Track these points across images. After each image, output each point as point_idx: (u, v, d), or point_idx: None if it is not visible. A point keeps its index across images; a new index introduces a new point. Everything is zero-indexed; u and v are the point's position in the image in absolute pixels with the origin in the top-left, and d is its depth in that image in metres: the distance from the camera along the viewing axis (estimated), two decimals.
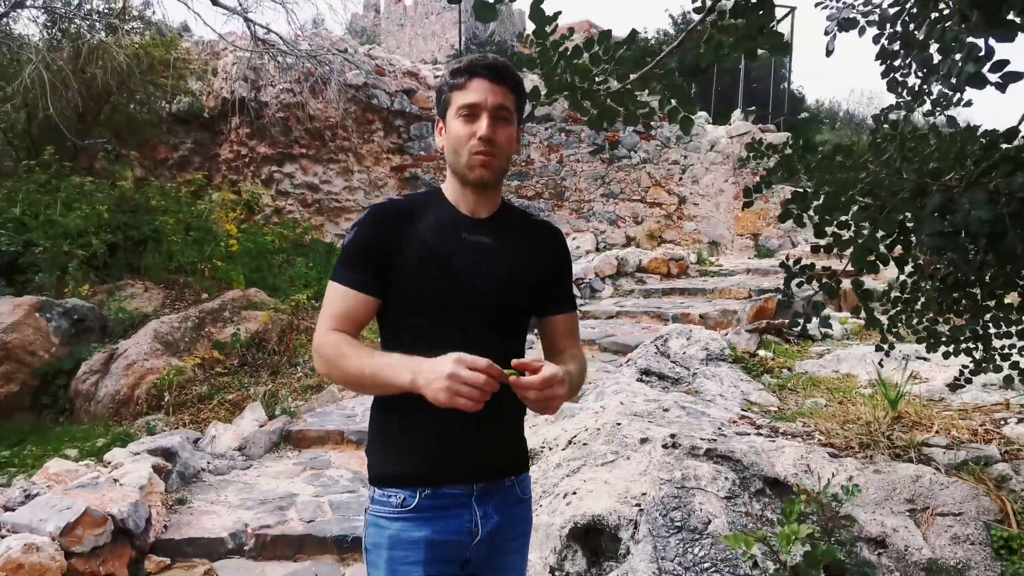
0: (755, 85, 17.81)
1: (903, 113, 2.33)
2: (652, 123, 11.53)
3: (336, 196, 10.78)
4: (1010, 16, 1.51)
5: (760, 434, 3.53)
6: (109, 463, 3.95)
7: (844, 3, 2.47)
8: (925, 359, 4.41)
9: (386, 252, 1.45)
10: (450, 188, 1.56)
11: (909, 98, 2.50)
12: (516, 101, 1.50)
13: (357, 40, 16.20)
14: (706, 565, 2.76)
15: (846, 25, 2.75)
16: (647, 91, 2.01)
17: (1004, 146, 1.83)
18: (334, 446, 4.85)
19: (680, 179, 11.47)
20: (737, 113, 11.92)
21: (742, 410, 3.97)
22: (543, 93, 2.06)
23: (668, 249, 10.17)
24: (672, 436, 3.36)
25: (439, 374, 1.25)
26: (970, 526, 2.81)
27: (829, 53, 2.79)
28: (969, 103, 2.76)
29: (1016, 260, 1.88)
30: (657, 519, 2.91)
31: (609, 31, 2.06)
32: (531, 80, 7.95)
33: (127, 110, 9.02)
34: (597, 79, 2.04)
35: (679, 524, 2.88)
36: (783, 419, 3.75)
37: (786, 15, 12.18)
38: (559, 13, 1.94)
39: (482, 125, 1.42)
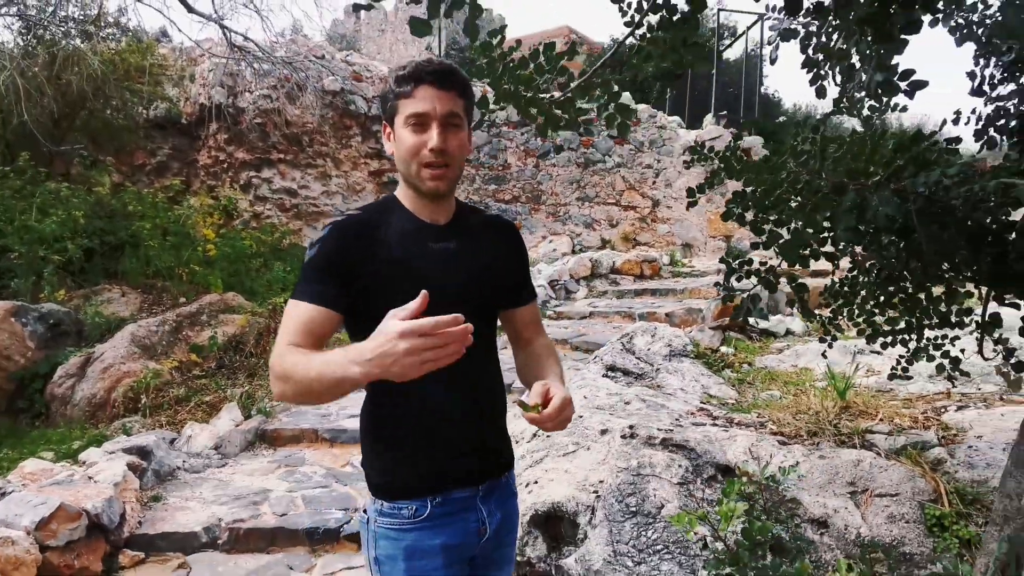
0: (731, 90, 18.11)
1: (830, 117, 2.49)
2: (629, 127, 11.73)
3: (314, 201, 10.87)
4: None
5: (716, 425, 3.69)
6: (84, 462, 4.02)
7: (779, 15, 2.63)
8: (879, 353, 4.61)
9: (350, 266, 1.39)
10: (406, 196, 1.52)
11: (845, 103, 2.67)
12: (465, 105, 1.47)
13: (336, 46, 16.30)
14: (658, 547, 2.91)
15: (787, 35, 2.92)
16: (587, 98, 2.14)
17: (912, 148, 1.99)
18: (308, 444, 4.95)
19: (654, 183, 11.67)
20: (710, 117, 12.16)
21: (701, 403, 4.13)
22: (491, 102, 2.19)
23: (642, 251, 10.35)
24: (631, 427, 3.50)
25: (385, 352, 1.11)
26: (905, 506, 2.97)
27: (773, 61, 2.95)
28: (904, 108, 2.95)
29: (922, 254, 2.04)
30: (613, 505, 3.05)
31: (553, 43, 2.20)
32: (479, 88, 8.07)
33: (103, 116, 9.07)
34: (542, 88, 2.18)
35: (634, 509, 3.02)
36: (739, 411, 3.91)
37: (754, 23, 12.44)
38: (505, 27, 2.09)
39: (433, 136, 1.38)
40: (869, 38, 1.74)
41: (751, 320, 5.85)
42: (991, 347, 2.53)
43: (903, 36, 1.53)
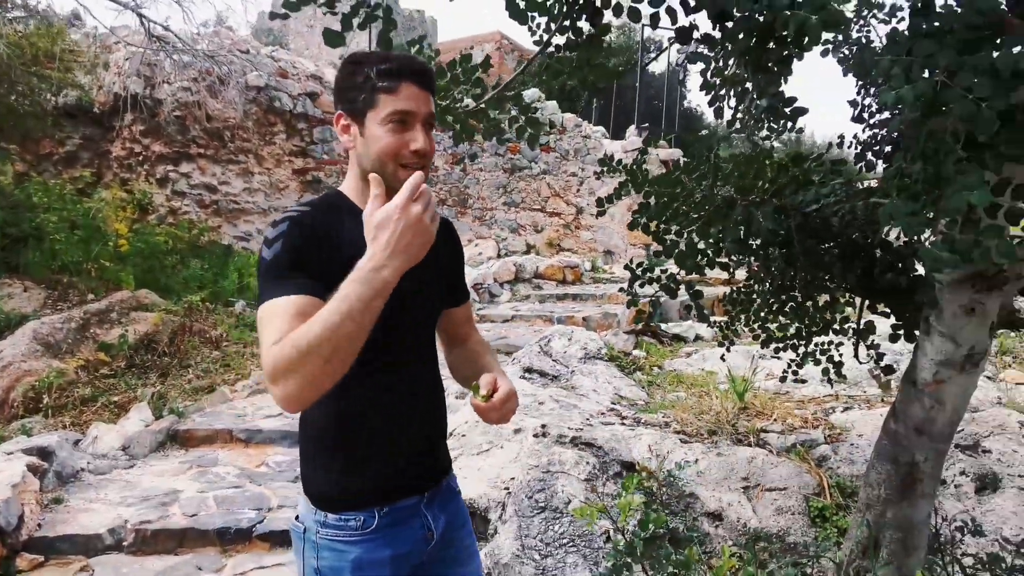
0: (656, 103, 18.68)
1: (724, 135, 2.68)
2: (553, 136, 11.89)
3: (235, 198, 10.61)
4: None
5: (624, 424, 3.86)
6: None
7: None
8: (778, 357, 4.90)
9: (316, 263, 1.29)
10: (358, 194, 1.42)
11: (740, 125, 2.87)
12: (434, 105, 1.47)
13: (263, 40, 15.96)
14: (565, 541, 3.04)
15: (694, 59, 3.11)
16: (498, 111, 2.23)
17: (792, 169, 2.19)
18: (223, 445, 4.87)
19: (578, 190, 11.94)
20: (632, 129, 12.53)
21: (612, 403, 4.30)
22: None
23: (564, 257, 10.58)
24: (543, 426, 3.63)
25: (407, 224, 1.14)
26: (792, 499, 3.21)
27: (682, 83, 3.14)
28: (800, 130, 3.18)
29: (798, 264, 2.23)
30: (523, 501, 3.16)
31: (470, 56, 2.30)
32: None
33: (8, 102, 8.60)
34: (457, 97, 2.26)
35: (543, 505, 3.15)
36: (647, 411, 4.10)
37: (672, 42, 12.85)
38: (423, 37, 2.17)
39: (418, 137, 1.33)
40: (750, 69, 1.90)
41: (663, 325, 6.10)
42: (865, 353, 2.77)
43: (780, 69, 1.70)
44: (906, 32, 1.58)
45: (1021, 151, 1.56)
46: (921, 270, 2.22)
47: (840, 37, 3.22)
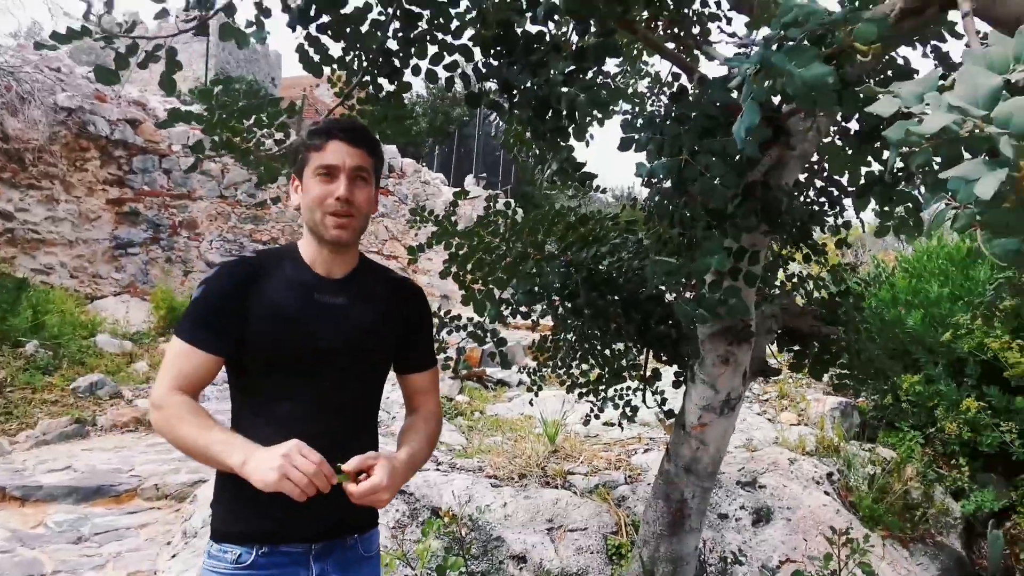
0: (497, 153, 19.35)
1: (531, 193, 2.85)
2: (392, 180, 11.93)
3: (35, 227, 9.61)
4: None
5: (439, 470, 3.89)
6: None
7: None
8: (592, 401, 5.19)
9: (235, 310, 1.42)
10: (306, 246, 1.53)
11: (542, 184, 3.05)
12: (374, 163, 1.53)
13: (83, 60, 14.76)
14: None
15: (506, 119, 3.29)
16: None
17: (579, 228, 2.37)
18: None
19: (416, 235, 12.01)
20: (470, 178, 12.88)
21: None
22: (207, 148, 2.22)
23: None
24: None
25: (273, 455, 1.26)
26: (592, 538, 3.37)
27: (494, 137, 3.30)
28: (604, 190, 3.44)
29: (584, 315, 2.41)
30: None
31: (278, 99, 2.30)
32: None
33: None
34: (261, 140, 2.25)
35: None
36: (463, 456, 4.16)
37: None
38: (229, 77, 2.14)
39: (340, 186, 1.43)
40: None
41: (488, 371, 6.24)
42: (652, 398, 3.01)
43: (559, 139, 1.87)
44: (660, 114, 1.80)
45: (752, 223, 1.81)
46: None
47: (637, 110, 3.55)
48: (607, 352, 3.35)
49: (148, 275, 10.44)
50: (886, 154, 1.95)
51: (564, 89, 1.78)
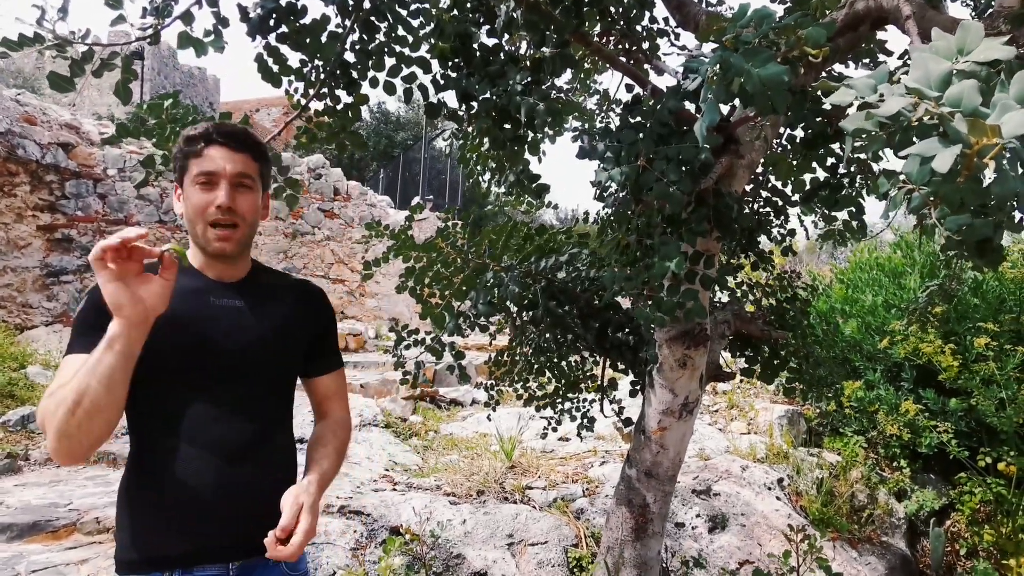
0: (442, 176, 19.38)
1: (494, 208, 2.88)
2: (338, 203, 11.80)
3: None
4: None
5: (396, 490, 3.83)
6: None
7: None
8: (544, 417, 5.20)
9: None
10: (195, 254, 1.47)
11: (499, 196, 3.08)
12: (260, 168, 1.46)
13: (10, 82, 14.24)
14: None
15: (459, 134, 3.32)
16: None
17: (536, 239, 2.40)
18: None
19: (363, 258, 11.90)
20: (417, 199, 12.85)
21: (385, 470, 4.25)
22: (158, 163, 2.17)
23: (349, 324, 10.41)
24: None
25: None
26: (552, 551, 3.37)
27: (450, 156, 3.32)
28: (556, 206, 3.50)
29: (543, 325, 2.44)
30: None
31: (229, 113, 2.27)
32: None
33: None
34: None
35: None
36: (420, 475, 4.11)
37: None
38: (178, 92, 2.11)
39: (220, 194, 1.36)
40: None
41: (441, 390, 6.20)
42: (609, 407, 3.04)
43: (516, 149, 1.90)
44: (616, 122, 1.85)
45: (705, 228, 1.87)
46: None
47: (587, 125, 3.63)
48: (563, 364, 3.38)
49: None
50: (830, 160, 2.05)
51: (523, 99, 1.82)
